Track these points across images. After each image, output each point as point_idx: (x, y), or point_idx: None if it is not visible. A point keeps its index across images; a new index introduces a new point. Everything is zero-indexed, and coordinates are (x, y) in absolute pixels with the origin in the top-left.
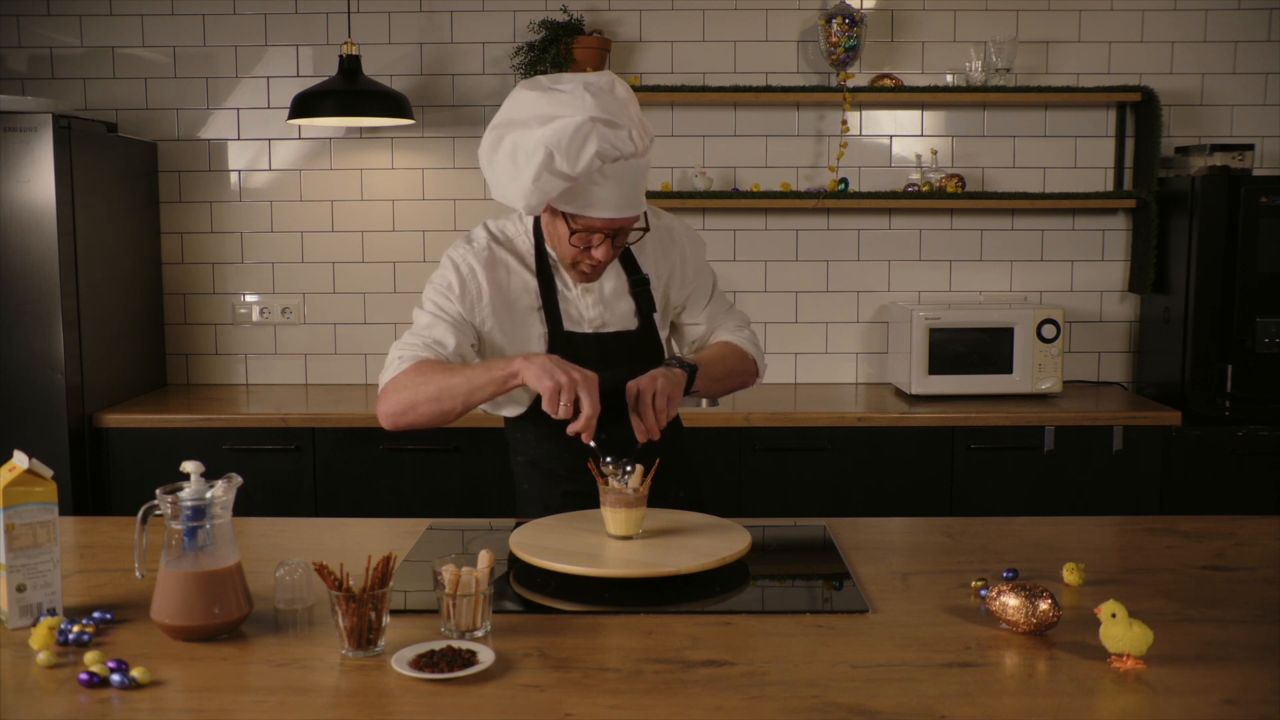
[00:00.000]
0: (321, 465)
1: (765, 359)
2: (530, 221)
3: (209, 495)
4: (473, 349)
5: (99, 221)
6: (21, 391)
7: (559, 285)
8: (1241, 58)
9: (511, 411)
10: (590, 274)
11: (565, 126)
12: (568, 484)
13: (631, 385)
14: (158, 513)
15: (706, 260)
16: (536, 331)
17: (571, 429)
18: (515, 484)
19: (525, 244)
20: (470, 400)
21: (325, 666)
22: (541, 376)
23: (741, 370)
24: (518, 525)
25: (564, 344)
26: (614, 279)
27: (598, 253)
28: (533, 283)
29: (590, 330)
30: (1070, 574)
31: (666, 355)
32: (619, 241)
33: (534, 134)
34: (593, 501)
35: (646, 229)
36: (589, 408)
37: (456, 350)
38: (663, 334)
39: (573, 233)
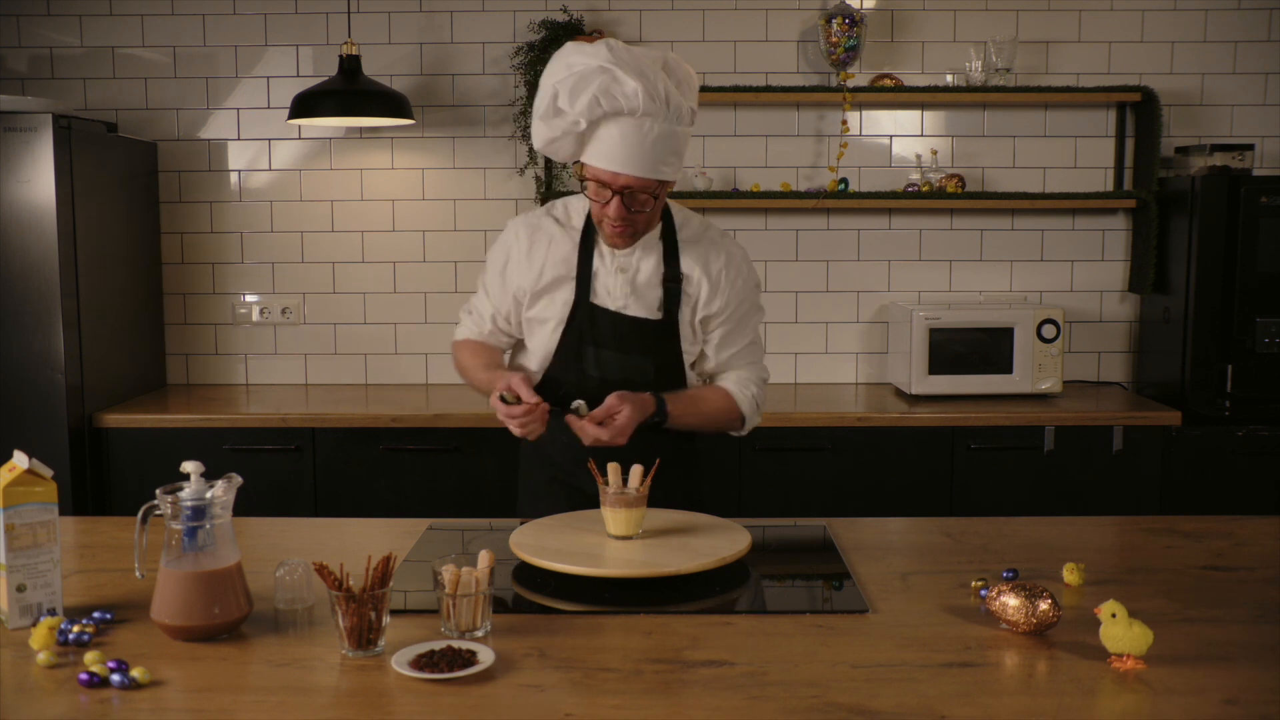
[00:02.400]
0: (321, 465)
1: (759, 418)
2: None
3: (209, 495)
4: (506, 319)
5: (99, 221)
6: (21, 391)
7: (596, 259)
8: (1241, 58)
9: None
10: (612, 236)
11: (575, 69)
12: (553, 468)
13: (612, 398)
14: (158, 513)
15: (757, 302)
16: (562, 298)
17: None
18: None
19: (580, 218)
20: (483, 393)
21: (325, 666)
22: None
23: (724, 422)
24: (520, 524)
25: (586, 314)
26: (652, 268)
27: (609, 209)
28: (574, 255)
29: (614, 308)
30: (1070, 574)
31: (685, 355)
32: (632, 205)
33: (549, 80)
34: (581, 493)
35: (657, 198)
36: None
37: (492, 319)
38: (684, 333)
39: (583, 182)
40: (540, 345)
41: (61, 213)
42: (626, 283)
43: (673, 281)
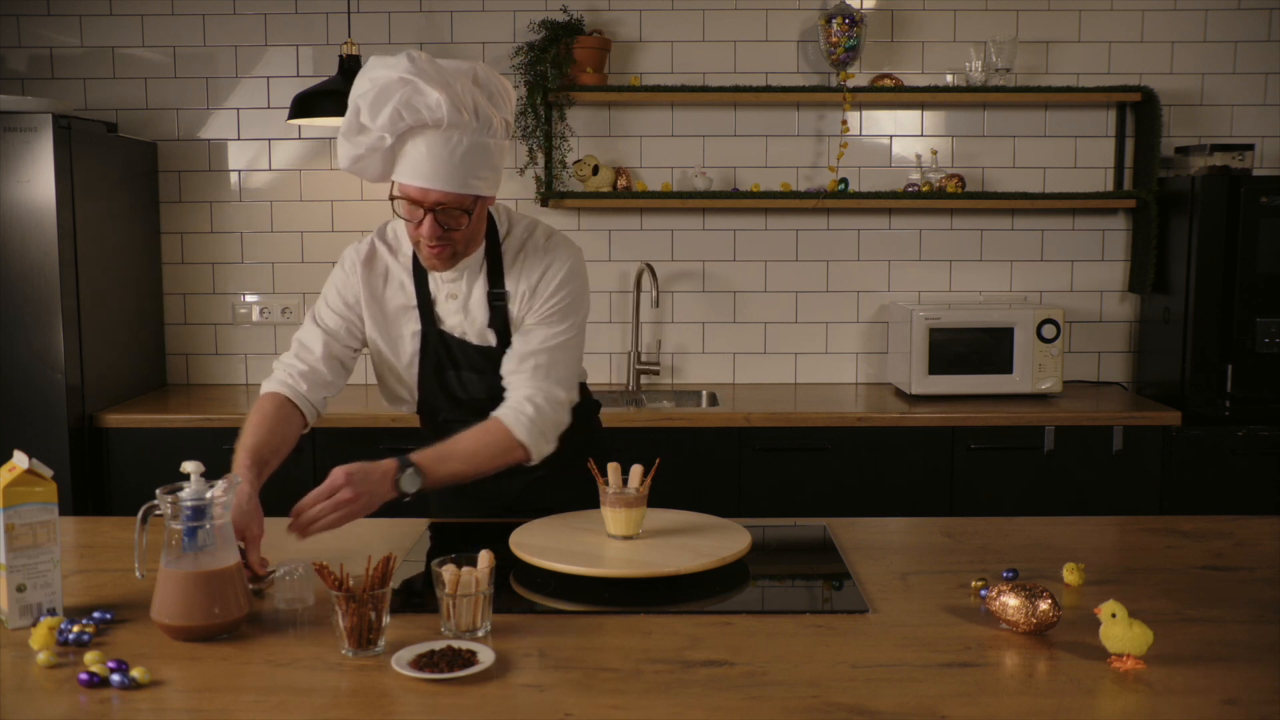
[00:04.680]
0: (321, 465)
1: (548, 443)
2: None
3: (209, 495)
4: (352, 351)
5: (99, 221)
6: (21, 391)
7: (431, 285)
8: (1241, 58)
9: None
10: (429, 258)
11: (375, 82)
12: (463, 497)
13: (336, 472)
14: (158, 513)
15: (570, 312)
16: (410, 329)
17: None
18: None
19: (409, 243)
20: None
21: (325, 666)
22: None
23: (497, 455)
24: (517, 525)
25: (437, 342)
26: (480, 291)
27: (423, 229)
28: (410, 283)
29: (458, 335)
30: (1070, 574)
31: None
32: (445, 222)
33: (356, 92)
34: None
35: (471, 214)
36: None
37: (325, 354)
38: None
39: (394, 200)
40: (405, 379)
41: (61, 213)
42: (459, 309)
43: (497, 300)
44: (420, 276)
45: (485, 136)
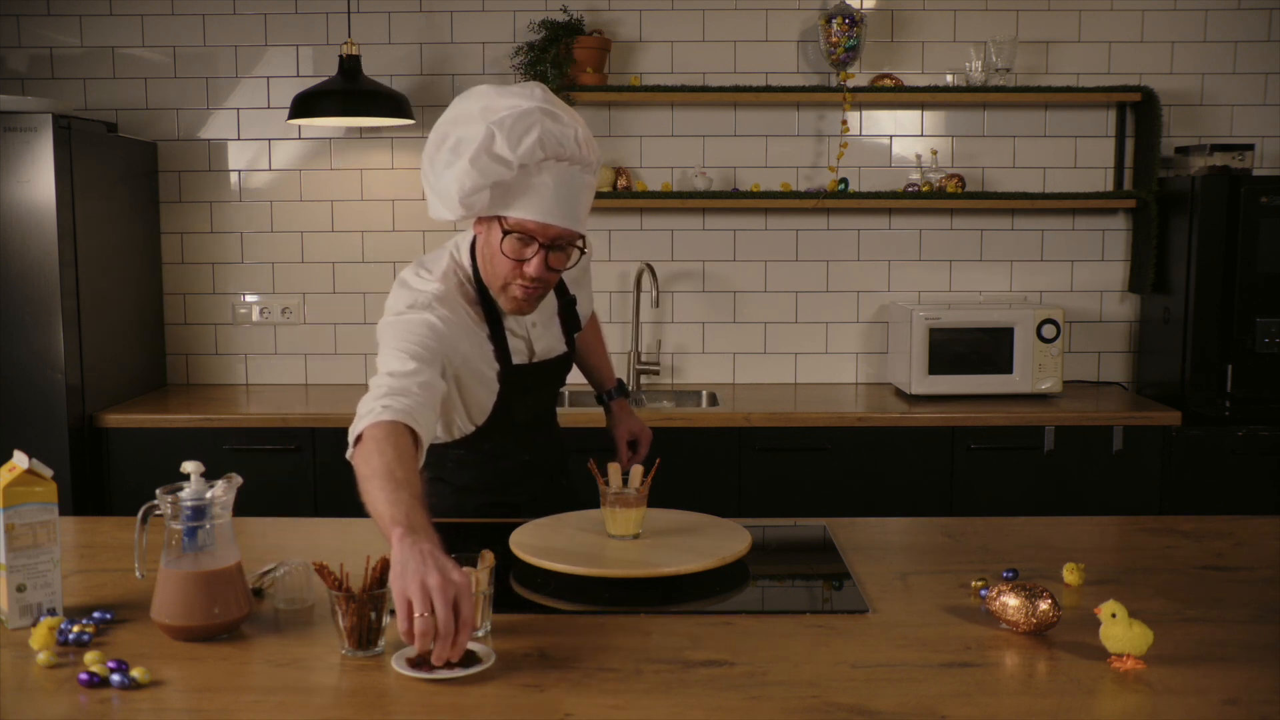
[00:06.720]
0: (321, 465)
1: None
2: (470, 266)
3: (209, 495)
4: (442, 374)
5: (99, 221)
6: (21, 391)
7: (508, 325)
8: (1241, 58)
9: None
10: (521, 299)
11: (512, 109)
12: (480, 497)
13: (634, 434)
14: (158, 513)
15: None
16: (490, 376)
17: (429, 653)
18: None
19: (469, 291)
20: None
21: (325, 666)
22: (399, 576)
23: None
24: (517, 525)
25: (517, 377)
26: (552, 303)
27: (530, 267)
28: (485, 325)
29: (536, 360)
30: (1070, 574)
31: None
32: (553, 261)
33: (477, 123)
34: (509, 509)
35: (583, 250)
36: (445, 639)
37: (432, 370)
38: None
39: (505, 235)
40: (472, 419)
41: (61, 213)
42: (544, 333)
43: (568, 307)
44: (494, 320)
45: (593, 175)
